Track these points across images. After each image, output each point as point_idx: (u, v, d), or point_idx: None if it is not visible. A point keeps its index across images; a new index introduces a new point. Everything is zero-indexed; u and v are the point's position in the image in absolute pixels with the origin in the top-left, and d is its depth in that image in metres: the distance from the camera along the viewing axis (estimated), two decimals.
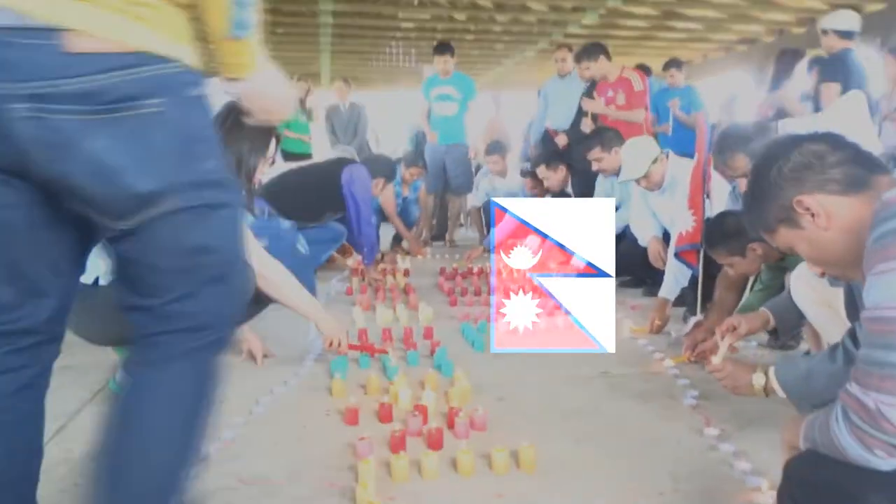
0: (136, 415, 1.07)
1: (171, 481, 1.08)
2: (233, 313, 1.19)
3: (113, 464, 1.06)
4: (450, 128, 6.10)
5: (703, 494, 1.56)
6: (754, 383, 1.73)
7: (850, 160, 1.14)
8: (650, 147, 3.31)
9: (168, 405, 1.09)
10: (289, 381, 2.39)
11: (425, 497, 1.57)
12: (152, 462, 1.06)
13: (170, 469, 1.08)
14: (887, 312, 0.94)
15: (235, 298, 1.17)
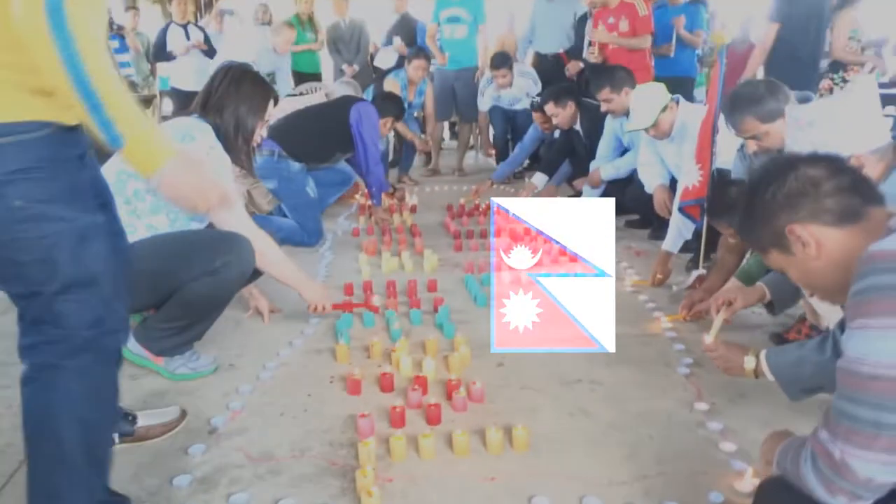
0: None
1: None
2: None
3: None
4: (460, 51, 5.93)
5: (686, 478, 1.63)
6: (745, 366, 1.78)
7: (846, 189, 1.12)
8: (659, 95, 3.22)
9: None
10: (294, 342, 2.47)
11: (421, 478, 1.65)
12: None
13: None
14: (861, 368, 0.96)
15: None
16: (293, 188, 3.82)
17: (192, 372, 2.18)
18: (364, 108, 4.03)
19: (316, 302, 2.52)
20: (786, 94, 2.23)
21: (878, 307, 0.95)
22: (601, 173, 4.11)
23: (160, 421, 1.85)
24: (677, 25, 5.44)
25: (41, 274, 1.21)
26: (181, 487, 1.64)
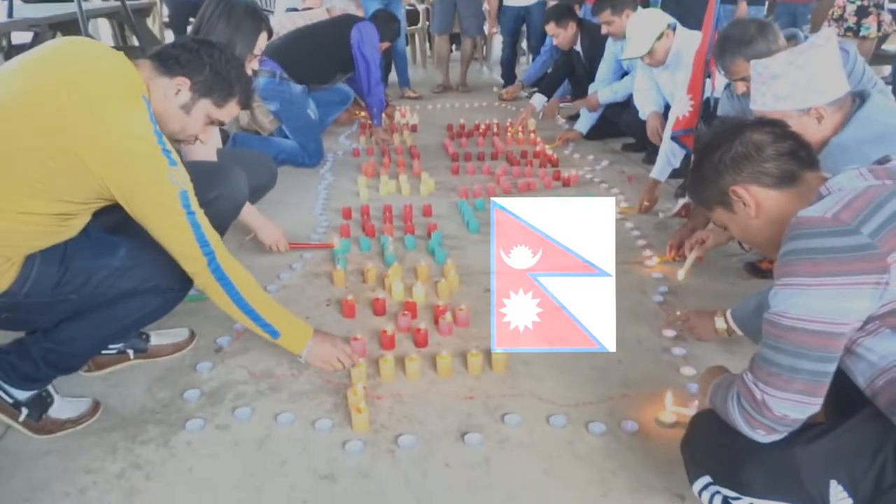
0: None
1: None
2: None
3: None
4: None
5: (646, 399, 1.79)
6: (717, 327, 1.95)
7: (785, 154, 1.22)
8: (656, 22, 3.20)
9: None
10: (294, 266, 2.61)
11: (407, 396, 1.83)
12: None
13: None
14: (782, 320, 1.09)
15: None
16: (295, 110, 3.87)
17: (199, 293, 2.33)
18: (365, 28, 4.01)
19: (271, 243, 2.64)
20: (775, 34, 2.25)
21: (798, 268, 1.07)
22: (599, 97, 4.12)
23: (171, 341, 2.02)
24: None
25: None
26: (190, 401, 1.82)
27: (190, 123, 1.62)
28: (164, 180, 1.47)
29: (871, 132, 1.62)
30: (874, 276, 1.02)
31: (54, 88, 1.42)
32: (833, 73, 1.64)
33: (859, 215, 1.03)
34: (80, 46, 1.54)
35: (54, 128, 1.39)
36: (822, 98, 1.63)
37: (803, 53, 1.64)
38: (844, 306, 1.04)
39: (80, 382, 1.88)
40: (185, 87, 1.57)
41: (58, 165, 1.40)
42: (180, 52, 1.57)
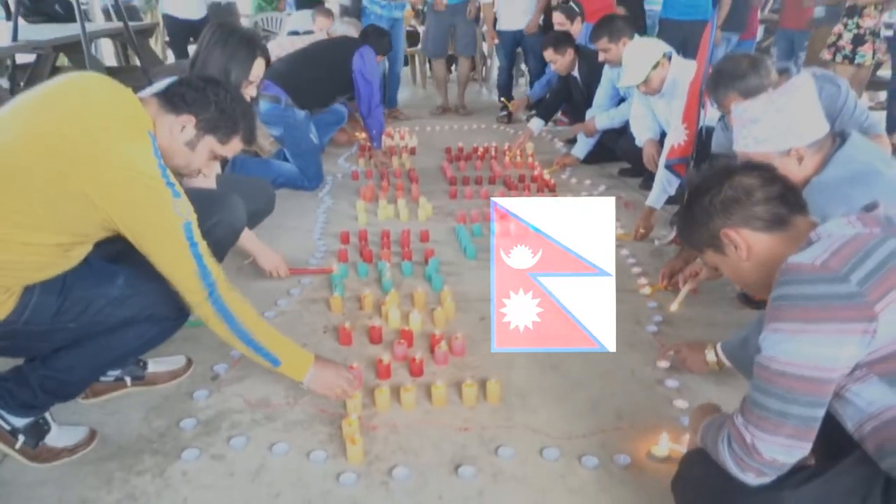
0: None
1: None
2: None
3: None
4: None
5: (639, 433, 1.80)
6: (708, 360, 1.97)
7: (774, 198, 1.25)
8: (652, 51, 3.24)
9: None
10: (292, 292, 2.63)
11: (402, 427, 1.84)
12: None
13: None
14: (772, 364, 1.11)
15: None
16: (297, 135, 3.89)
17: (196, 320, 2.34)
18: (366, 54, 4.06)
19: (271, 268, 2.66)
20: (767, 69, 2.29)
21: (789, 314, 1.09)
22: (596, 123, 4.17)
23: (168, 368, 2.04)
24: None
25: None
26: (186, 430, 1.83)
27: (194, 159, 1.65)
28: (168, 212, 1.50)
29: (849, 171, 1.66)
30: (862, 324, 1.04)
31: (59, 124, 1.45)
32: (811, 115, 1.69)
33: (848, 263, 1.06)
34: (87, 82, 1.57)
35: (60, 163, 1.41)
36: (800, 140, 1.68)
37: (780, 98, 1.68)
38: (833, 353, 1.06)
39: (78, 409, 1.89)
40: (190, 124, 1.60)
41: (63, 200, 1.42)
42: (186, 90, 1.60)
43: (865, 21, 4.86)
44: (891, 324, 1.03)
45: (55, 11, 6.00)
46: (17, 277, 1.50)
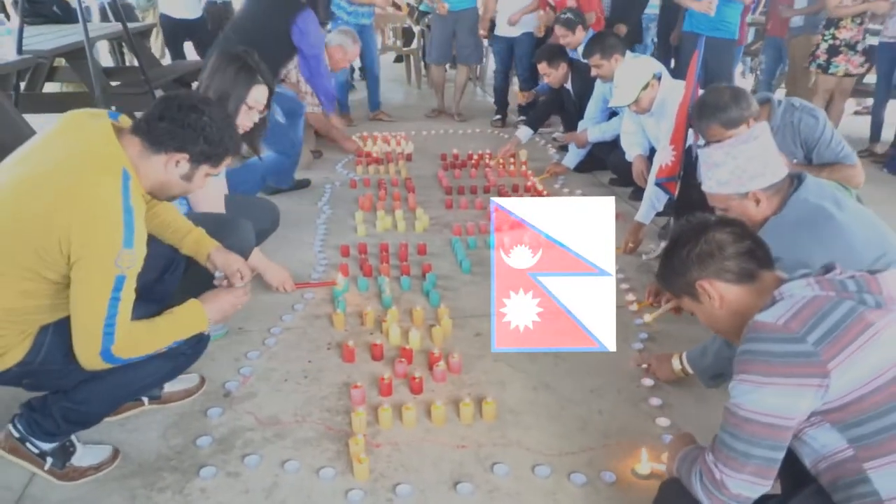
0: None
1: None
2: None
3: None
4: None
5: (624, 451, 1.94)
6: (674, 367, 2.14)
7: (744, 254, 1.39)
8: (642, 72, 3.36)
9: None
10: (296, 307, 2.76)
11: (404, 445, 1.98)
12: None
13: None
14: (738, 411, 1.25)
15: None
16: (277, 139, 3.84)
17: (220, 332, 2.46)
18: (304, 24, 4.04)
19: (278, 284, 2.73)
20: (748, 101, 2.42)
21: (754, 367, 1.23)
22: (588, 135, 4.29)
23: (183, 387, 2.16)
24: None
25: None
26: (203, 447, 1.96)
27: (191, 186, 1.73)
28: (109, 260, 1.52)
29: (802, 213, 1.81)
30: (817, 379, 1.18)
31: (41, 174, 1.55)
32: (767, 161, 1.83)
33: (806, 325, 1.19)
34: (74, 126, 1.64)
35: (41, 212, 1.50)
36: (757, 184, 1.82)
37: (739, 146, 1.83)
38: (792, 404, 1.20)
39: (98, 428, 1.99)
40: (184, 160, 1.66)
41: (50, 247, 1.50)
42: (169, 125, 1.63)
43: (842, 33, 4.99)
44: (841, 380, 1.17)
45: (53, 13, 6.04)
46: (28, 322, 1.61)
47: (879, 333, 1.17)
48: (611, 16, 5.48)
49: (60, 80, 6.16)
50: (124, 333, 1.58)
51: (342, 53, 4.73)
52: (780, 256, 1.73)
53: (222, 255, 2.11)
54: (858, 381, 1.17)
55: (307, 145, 4.77)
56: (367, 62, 6.11)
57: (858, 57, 5.03)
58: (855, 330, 1.17)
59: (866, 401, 1.16)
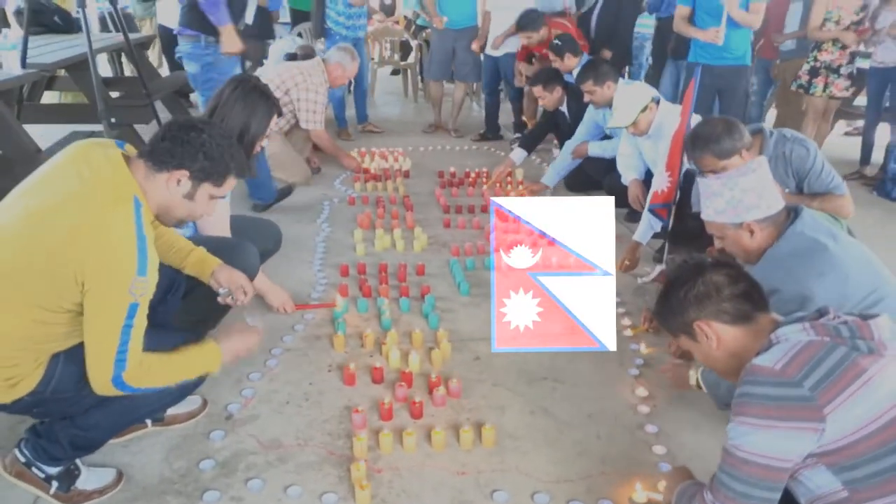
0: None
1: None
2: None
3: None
4: (459, 11, 5.94)
5: (622, 478, 1.98)
6: (690, 381, 2.18)
7: (740, 295, 1.43)
8: (641, 96, 3.42)
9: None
10: (296, 328, 2.78)
11: (404, 470, 2.01)
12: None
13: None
14: (737, 452, 1.30)
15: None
16: (216, 76, 3.87)
17: None
18: None
19: (279, 305, 2.81)
20: (741, 132, 2.48)
21: (752, 410, 1.28)
22: (588, 148, 4.34)
23: (186, 409, 2.18)
24: (728, 5, 4.26)
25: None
26: (205, 471, 1.98)
27: (195, 207, 1.75)
28: (123, 289, 1.54)
29: (798, 245, 1.88)
30: (813, 423, 1.22)
31: (53, 206, 1.58)
32: (763, 194, 1.89)
33: (802, 370, 1.24)
34: (82, 156, 1.66)
35: (53, 244, 1.53)
36: (752, 215, 1.90)
37: (737, 178, 1.89)
38: (788, 446, 1.24)
39: (102, 450, 2.00)
40: (184, 177, 1.69)
41: (63, 277, 1.53)
42: (170, 144, 1.67)
43: (823, 55, 5.10)
44: (836, 424, 1.21)
45: (54, 22, 6.04)
46: (41, 350, 1.63)
47: (872, 379, 1.21)
48: (595, 39, 5.56)
49: (59, 90, 6.18)
50: (136, 363, 1.61)
51: (341, 70, 4.77)
52: (777, 287, 1.79)
53: (226, 273, 2.16)
54: (853, 426, 1.21)
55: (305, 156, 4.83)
56: (358, 76, 6.14)
57: (843, 80, 5.13)
58: (849, 376, 1.22)
59: (861, 445, 1.21)
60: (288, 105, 4.55)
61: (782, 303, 1.80)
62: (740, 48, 4.52)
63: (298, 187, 4.42)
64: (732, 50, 4.47)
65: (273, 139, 4.37)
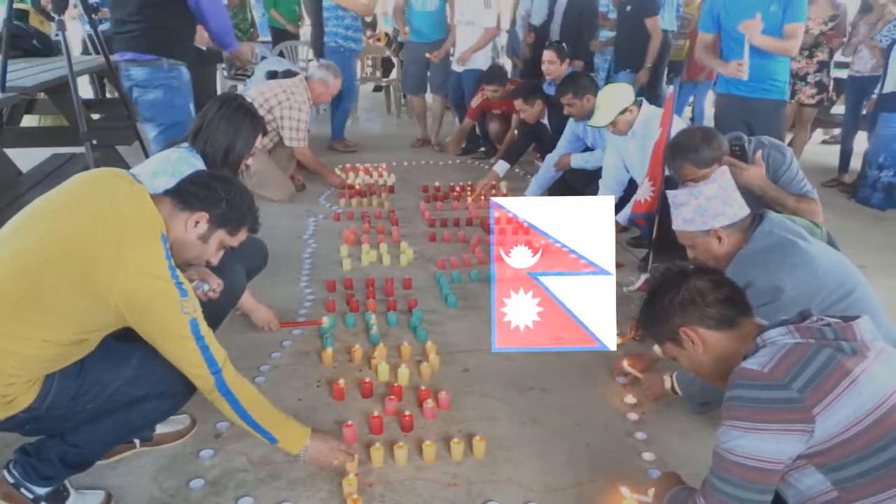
0: None
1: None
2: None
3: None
4: (430, 24, 6.01)
5: (612, 486, 1.99)
6: (665, 385, 2.21)
7: (723, 301, 1.46)
8: (623, 97, 3.49)
9: None
10: (284, 344, 2.78)
11: (396, 484, 2.00)
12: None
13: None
14: (729, 456, 1.32)
15: None
16: (179, 101, 3.68)
17: None
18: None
19: (263, 324, 2.83)
20: (719, 141, 2.54)
21: (741, 413, 1.30)
22: (571, 160, 4.39)
23: (174, 429, 2.17)
24: (750, 30, 3.42)
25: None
26: (195, 490, 1.97)
27: (206, 250, 1.79)
28: (177, 312, 1.62)
29: (769, 243, 1.95)
30: (802, 424, 1.25)
31: (80, 229, 1.59)
32: (727, 201, 1.97)
33: (790, 372, 1.27)
34: (107, 186, 1.70)
35: (80, 265, 1.54)
36: (719, 222, 1.97)
37: (702, 187, 1.95)
38: (779, 448, 1.27)
39: (91, 471, 1.99)
40: (203, 219, 1.74)
41: (81, 299, 1.55)
42: (198, 188, 1.75)
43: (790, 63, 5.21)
44: (825, 424, 1.24)
45: (33, 46, 6.02)
46: (39, 369, 1.63)
47: (858, 380, 1.24)
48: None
49: (39, 114, 6.15)
50: (223, 359, 1.76)
51: (324, 87, 4.81)
52: (750, 281, 1.84)
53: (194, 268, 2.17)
54: (841, 426, 1.23)
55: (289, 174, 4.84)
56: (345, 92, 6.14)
57: (810, 88, 5.24)
58: (836, 377, 1.24)
59: (848, 445, 1.23)
60: (271, 123, 4.57)
61: (755, 295, 1.85)
62: (779, 78, 3.63)
63: (284, 204, 4.43)
64: (768, 80, 3.59)
65: (257, 157, 4.38)
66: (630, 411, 2.35)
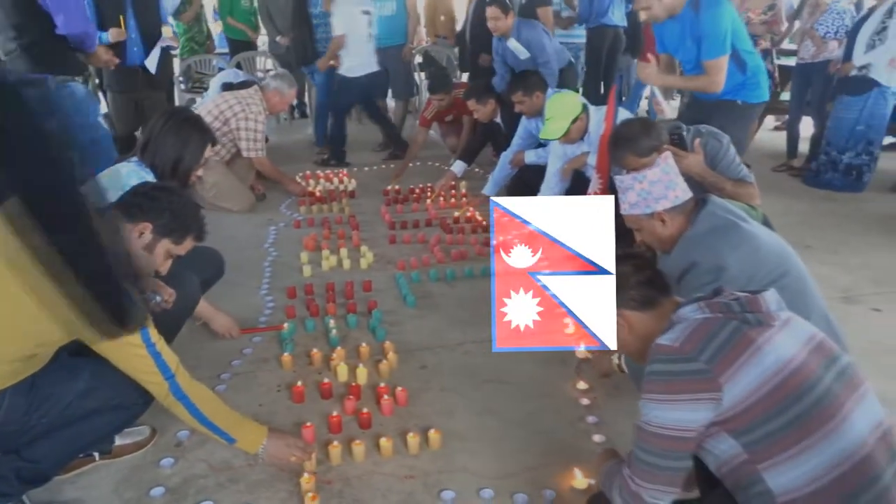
0: None
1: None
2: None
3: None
4: (389, 29, 6.07)
5: (563, 468, 2.06)
6: (614, 363, 2.29)
7: (644, 283, 1.54)
8: (572, 107, 3.57)
9: None
10: (244, 351, 2.81)
11: (354, 479, 2.05)
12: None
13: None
14: (646, 427, 1.40)
15: None
16: (79, 120, 3.41)
17: None
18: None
19: (223, 332, 2.85)
20: (658, 131, 2.63)
21: (656, 387, 1.37)
22: (525, 157, 4.47)
23: (133, 440, 2.19)
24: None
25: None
26: (156, 498, 1.99)
27: (152, 261, 1.83)
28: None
29: (711, 223, 2.02)
30: (710, 393, 1.32)
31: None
32: (670, 185, 2.03)
33: (698, 345, 1.35)
34: None
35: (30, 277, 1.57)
36: (662, 205, 2.03)
37: (645, 172, 2.02)
38: (690, 417, 1.34)
39: (50, 486, 2.01)
40: (147, 230, 1.79)
41: (31, 313, 1.56)
42: (142, 199, 1.80)
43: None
44: (731, 392, 1.32)
45: None
46: None
47: (761, 349, 1.32)
48: (471, 46, 5.81)
49: None
50: (175, 364, 1.80)
51: (279, 97, 4.83)
52: (695, 261, 1.93)
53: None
54: (745, 392, 1.31)
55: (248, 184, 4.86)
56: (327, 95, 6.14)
57: None
58: (740, 347, 1.33)
59: (754, 409, 1.31)
60: (228, 134, 4.59)
61: (699, 274, 1.94)
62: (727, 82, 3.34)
63: (244, 214, 4.44)
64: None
65: (215, 168, 4.40)
66: (582, 396, 2.43)
